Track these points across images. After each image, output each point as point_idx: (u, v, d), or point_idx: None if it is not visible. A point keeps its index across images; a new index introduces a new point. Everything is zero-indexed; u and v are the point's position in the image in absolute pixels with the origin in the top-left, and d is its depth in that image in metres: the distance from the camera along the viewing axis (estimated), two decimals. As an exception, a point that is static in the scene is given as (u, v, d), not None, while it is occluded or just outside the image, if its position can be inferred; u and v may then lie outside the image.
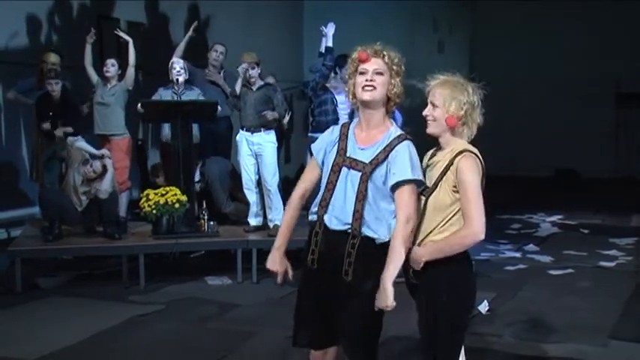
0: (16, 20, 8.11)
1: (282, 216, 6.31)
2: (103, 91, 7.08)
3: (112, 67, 7.08)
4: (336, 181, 2.85)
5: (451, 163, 2.74)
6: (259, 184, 6.57)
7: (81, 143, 6.47)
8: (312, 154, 3.04)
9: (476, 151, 2.80)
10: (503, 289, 5.94)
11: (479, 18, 15.14)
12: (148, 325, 5.08)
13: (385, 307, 2.77)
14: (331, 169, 2.87)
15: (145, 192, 6.24)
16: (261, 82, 6.61)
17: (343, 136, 2.91)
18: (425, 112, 2.84)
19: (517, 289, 6.04)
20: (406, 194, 2.77)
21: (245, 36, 10.51)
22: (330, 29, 7.02)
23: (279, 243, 3.04)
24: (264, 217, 6.63)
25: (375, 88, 2.81)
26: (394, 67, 2.84)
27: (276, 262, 3.02)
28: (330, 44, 6.98)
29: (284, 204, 6.41)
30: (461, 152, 2.75)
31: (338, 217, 2.84)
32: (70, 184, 6.34)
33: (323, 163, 2.95)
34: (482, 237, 2.70)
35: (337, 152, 2.88)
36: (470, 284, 2.88)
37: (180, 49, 7.43)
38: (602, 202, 10.48)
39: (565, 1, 13.40)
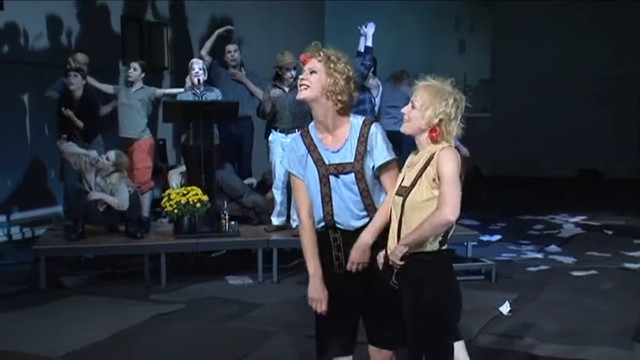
0: (40, 21, 8.22)
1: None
2: (127, 92, 7.08)
3: (133, 71, 7.08)
4: (330, 191, 2.85)
5: (431, 157, 2.73)
6: (288, 184, 6.58)
7: (72, 148, 6.52)
8: (295, 173, 2.95)
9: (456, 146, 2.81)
10: (525, 290, 5.89)
11: (500, 17, 15.04)
12: (169, 324, 5.11)
13: (353, 263, 2.83)
14: (320, 182, 2.85)
15: (167, 191, 6.29)
16: (294, 84, 6.49)
17: (311, 147, 2.89)
18: (403, 110, 2.83)
19: (539, 290, 5.99)
20: (392, 172, 2.88)
21: (266, 36, 10.56)
22: (369, 29, 6.99)
23: (315, 269, 2.88)
24: (287, 217, 6.63)
25: (307, 87, 2.83)
26: (331, 65, 2.82)
27: (318, 289, 2.87)
28: (369, 44, 6.95)
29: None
30: (443, 147, 2.74)
31: (350, 219, 2.85)
32: (85, 186, 6.40)
33: (303, 177, 2.91)
34: (452, 219, 2.65)
35: (315, 164, 2.86)
36: (452, 284, 2.82)
37: (207, 46, 7.45)
38: (626, 203, 10.36)
39: (588, 0, 13.26)
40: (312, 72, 2.83)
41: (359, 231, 2.85)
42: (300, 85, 2.85)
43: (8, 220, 7.92)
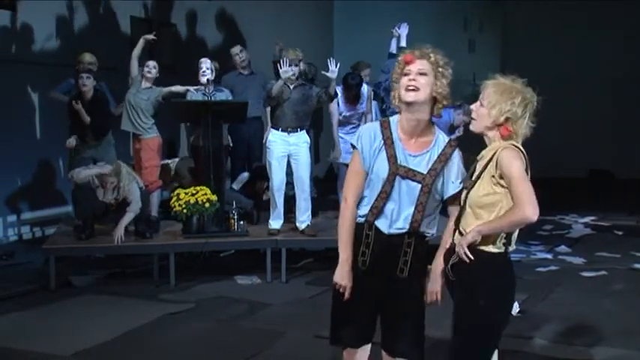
0: (51, 22, 8.25)
1: (310, 218, 6.37)
2: (138, 89, 7.03)
3: (153, 69, 6.98)
4: (391, 190, 2.81)
5: (495, 154, 2.74)
6: (287, 185, 6.54)
7: (82, 173, 6.43)
8: (361, 159, 2.88)
9: (519, 146, 2.78)
10: (535, 291, 5.87)
11: (510, 16, 14.98)
12: (178, 323, 5.13)
13: (433, 293, 2.87)
14: (386, 179, 2.80)
15: (176, 191, 6.30)
16: (297, 82, 6.42)
17: (388, 141, 2.83)
18: (471, 107, 2.83)
19: (549, 290, 5.98)
20: (458, 201, 2.86)
21: (274, 36, 10.53)
22: (403, 30, 6.95)
23: (347, 256, 2.86)
24: (284, 218, 6.55)
25: (417, 89, 2.75)
26: (439, 69, 2.79)
27: (346, 276, 2.86)
28: (403, 44, 6.89)
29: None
30: (505, 147, 2.73)
31: (392, 223, 2.83)
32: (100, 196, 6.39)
33: (368, 167, 2.85)
34: (534, 218, 2.65)
35: (387, 160, 2.81)
36: (509, 288, 2.86)
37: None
38: (636, 204, 10.30)
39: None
40: (421, 73, 2.77)
41: (390, 238, 2.84)
42: (410, 87, 2.76)
43: (19, 219, 7.97)
